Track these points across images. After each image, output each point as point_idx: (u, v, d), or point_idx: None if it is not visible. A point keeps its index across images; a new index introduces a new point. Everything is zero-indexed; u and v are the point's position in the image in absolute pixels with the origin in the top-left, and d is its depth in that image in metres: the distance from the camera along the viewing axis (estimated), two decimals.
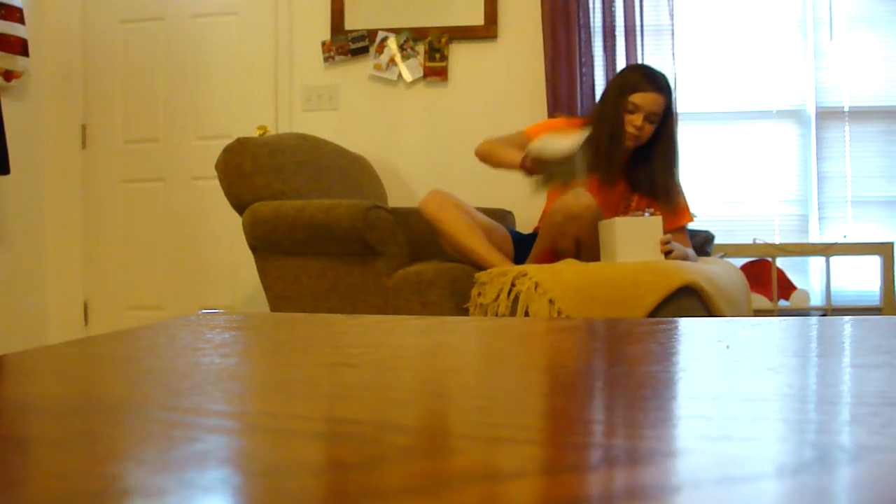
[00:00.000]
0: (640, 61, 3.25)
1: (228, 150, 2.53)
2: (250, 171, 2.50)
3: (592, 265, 2.06)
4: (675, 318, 0.82)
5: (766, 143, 3.36)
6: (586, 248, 2.23)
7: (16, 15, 3.20)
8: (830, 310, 3.15)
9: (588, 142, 2.16)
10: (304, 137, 2.88)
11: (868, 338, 0.65)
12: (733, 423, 0.33)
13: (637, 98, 2.30)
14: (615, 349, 0.60)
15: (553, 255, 2.27)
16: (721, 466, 0.26)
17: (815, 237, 3.31)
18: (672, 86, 2.39)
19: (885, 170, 3.31)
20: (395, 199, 3.28)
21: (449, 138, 3.41)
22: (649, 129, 2.34)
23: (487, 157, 2.35)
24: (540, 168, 2.11)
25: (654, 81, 2.32)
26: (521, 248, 2.43)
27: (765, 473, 0.26)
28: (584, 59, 3.27)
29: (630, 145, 2.35)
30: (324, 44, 3.44)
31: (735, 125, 3.37)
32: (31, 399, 0.41)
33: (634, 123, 2.31)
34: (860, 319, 0.79)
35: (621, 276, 1.97)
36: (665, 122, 2.36)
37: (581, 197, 2.18)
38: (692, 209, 2.59)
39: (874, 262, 3.22)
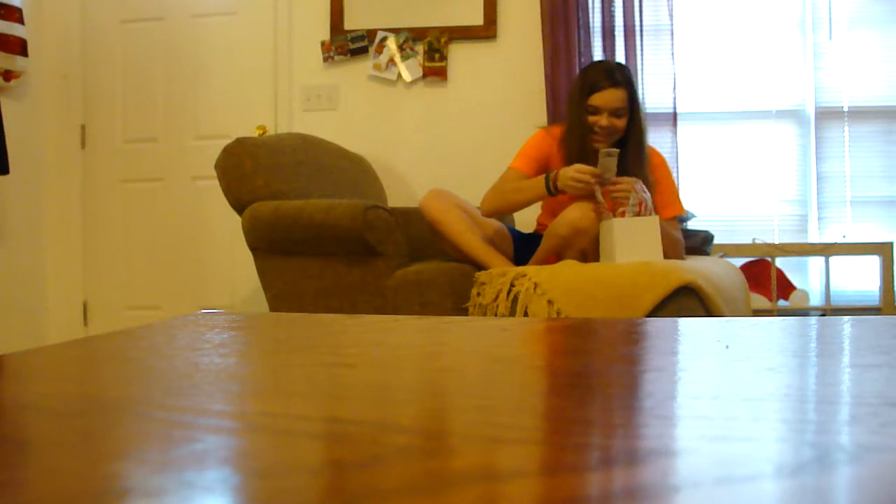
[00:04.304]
0: (639, 61, 3.26)
1: (228, 150, 2.53)
2: (249, 172, 2.50)
3: (591, 265, 2.06)
4: (675, 318, 0.82)
5: (765, 143, 3.36)
6: (591, 260, 2.22)
7: (15, 15, 3.20)
8: (830, 310, 3.15)
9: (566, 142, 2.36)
10: (303, 137, 2.88)
11: (867, 338, 0.65)
12: (733, 423, 0.33)
13: (596, 99, 2.32)
14: (614, 349, 0.60)
15: (555, 261, 2.27)
16: (721, 466, 0.26)
17: (814, 237, 3.31)
18: (633, 76, 2.40)
19: (884, 170, 3.31)
20: (395, 199, 3.28)
21: (448, 138, 3.41)
22: (619, 123, 2.34)
23: (505, 205, 2.38)
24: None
25: (611, 77, 2.32)
26: (522, 247, 2.43)
27: (765, 473, 0.26)
28: (583, 60, 3.27)
29: (601, 145, 2.34)
30: (323, 44, 3.44)
31: (734, 125, 3.37)
32: (31, 399, 0.41)
33: (600, 124, 2.33)
34: (859, 319, 0.79)
35: (620, 276, 1.97)
36: (633, 112, 2.36)
37: (586, 210, 2.18)
38: (691, 208, 2.59)
39: (873, 262, 3.22)
